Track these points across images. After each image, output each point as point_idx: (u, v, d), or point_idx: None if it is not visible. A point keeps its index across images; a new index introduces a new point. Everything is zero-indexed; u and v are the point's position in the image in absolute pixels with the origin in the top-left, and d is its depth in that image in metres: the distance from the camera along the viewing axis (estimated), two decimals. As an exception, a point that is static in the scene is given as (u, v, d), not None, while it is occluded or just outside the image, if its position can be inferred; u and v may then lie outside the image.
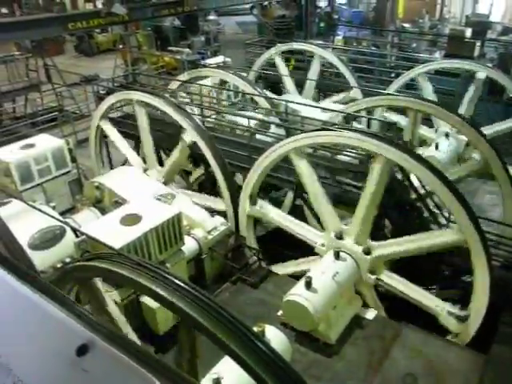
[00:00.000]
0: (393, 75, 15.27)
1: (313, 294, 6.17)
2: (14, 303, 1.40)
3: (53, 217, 5.89)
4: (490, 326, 6.46)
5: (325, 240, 7.52)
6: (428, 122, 11.50)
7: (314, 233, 7.81)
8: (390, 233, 7.93)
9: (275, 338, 5.01)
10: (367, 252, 7.13)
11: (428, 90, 12.67)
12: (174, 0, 17.31)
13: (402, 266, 7.52)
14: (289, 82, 14.66)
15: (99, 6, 17.96)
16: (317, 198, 7.55)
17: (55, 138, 10.69)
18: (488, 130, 10.87)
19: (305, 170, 7.55)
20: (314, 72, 14.60)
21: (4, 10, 16.89)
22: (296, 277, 7.24)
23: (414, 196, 7.87)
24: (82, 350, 1.25)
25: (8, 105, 17.79)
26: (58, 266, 6.88)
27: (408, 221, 7.76)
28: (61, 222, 6.52)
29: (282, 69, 14.99)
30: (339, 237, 7.33)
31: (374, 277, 7.15)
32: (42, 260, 6.67)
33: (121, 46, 23.16)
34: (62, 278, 4.96)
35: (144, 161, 9.85)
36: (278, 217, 8.28)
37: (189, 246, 7.33)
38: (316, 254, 7.68)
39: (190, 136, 8.65)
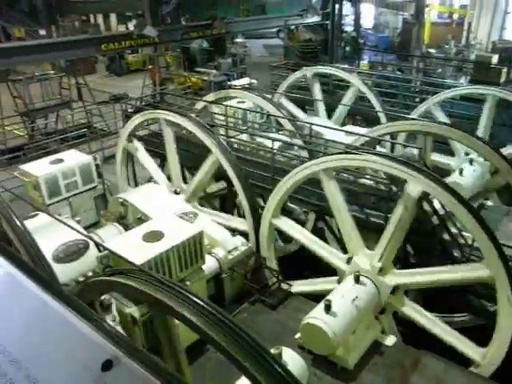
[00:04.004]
0: (417, 100, 15.24)
1: (332, 318, 6.11)
2: (42, 316, 1.46)
3: (77, 231, 6.03)
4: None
5: (347, 263, 7.47)
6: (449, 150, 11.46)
7: (336, 255, 7.76)
8: (412, 257, 7.85)
9: (292, 360, 4.98)
10: (389, 279, 7.06)
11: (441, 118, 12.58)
12: (203, 23, 17.80)
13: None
14: (320, 105, 14.80)
15: (131, 28, 18.54)
16: (343, 220, 7.50)
17: (83, 153, 10.99)
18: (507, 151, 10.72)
19: (333, 191, 7.53)
20: (347, 99, 14.70)
21: (42, 32, 17.68)
22: (315, 299, 7.19)
23: (435, 219, 7.78)
24: (107, 366, 1.28)
25: (40, 121, 18.38)
26: (80, 279, 7.01)
27: (430, 245, 7.65)
28: (85, 236, 6.65)
29: (317, 91, 15.15)
30: (362, 261, 7.27)
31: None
32: (64, 273, 6.80)
33: (150, 67, 23.76)
34: (83, 292, 5.06)
35: (168, 179, 10.02)
36: (301, 235, 8.23)
37: (209, 264, 7.37)
38: (334, 274, 7.65)
39: (215, 156, 8.76)
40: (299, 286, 8.22)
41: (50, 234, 7.13)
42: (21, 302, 1.51)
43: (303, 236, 8.21)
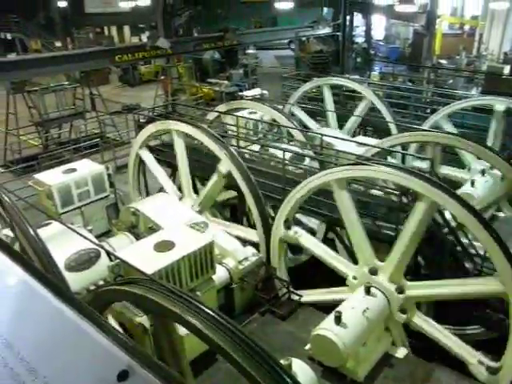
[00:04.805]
0: (428, 111, 15.21)
1: (342, 329, 6.09)
2: (58, 325, 1.48)
3: (89, 240, 6.09)
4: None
5: (357, 274, 7.44)
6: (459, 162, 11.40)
7: (346, 265, 7.73)
8: (424, 269, 7.79)
9: (302, 371, 4.96)
10: (400, 291, 7.02)
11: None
12: (216, 35, 18.01)
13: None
14: (331, 116, 14.86)
15: (144, 39, 18.83)
16: (354, 230, 7.46)
17: (96, 163, 11.12)
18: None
19: (345, 201, 7.49)
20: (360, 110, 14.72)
21: (58, 44, 18.09)
22: (325, 309, 7.16)
23: (446, 230, 7.74)
24: (123, 376, 1.30)
25: (54, 131, 18.67)
26: (92, 288, 7.07)
27: (441, 257, 7.60)
28: (96, 245, 6.71)
29: (328, 100, 15.21)
30: (373, 272, 7.23)
31: (404, 316, 7.01)
32: (76, 281, 6.85)
33: (162, 77, 24.02)
34: (95, 301, 5.10)
35: (179, 189, 10.08)
36: (312, 244, 8.21)
37: (220, 275, 7.39)
38: (344, 285, 7.63)
39: (225, 166, 8.82)
40: (310, 296, 8.19)
41: (62, 242, 7.20)
42: (37, 310, 1.54)
43: (315, 246, 8.19)
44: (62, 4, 21.87)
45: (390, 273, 7.07)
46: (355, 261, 7.69)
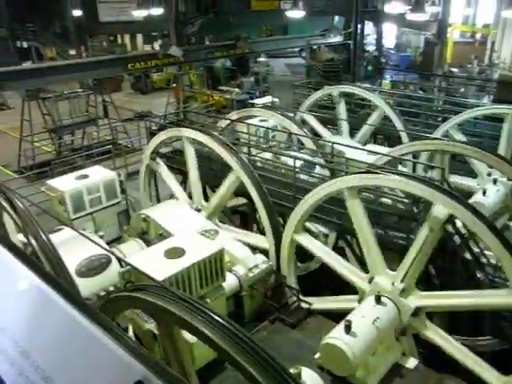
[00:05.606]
0: (440, 119, 15.12)
1: (352, 339, 6.05)
2: (73, 333, 1.49)
3: (100, 246, 6.15)
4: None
5: (368, 283, 7.40)
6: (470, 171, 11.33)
7: (357, 274, 7.70)
8: (435, 279, 7.72)
9: (311, 380, 4.95)
10: (411, 300, 6.97)
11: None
12: (227, 43, 18.16)
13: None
14: (343, 124, 14.86)
15: (157, 47, 19.06)
16: (366, 239, 7.43)
17: (108, 170, 11.22)
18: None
19: (357, 210, 7.47)
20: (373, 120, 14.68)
21: (72, 52, 18.40)
22: (335, 318, 7.12)
23: (458, 241, 7.68)
24: None
25: (67, 137, 18.89)
26: (102, 294, 7.12)
27: (452, 266, 7.54)
28: (107, 251, 6.76)
29: (342, 109, 15.21)
30: (383, 281, 7.19)
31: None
32: (87, 287, 6.92)
33: (174, 85, 24.20)
34: (106, 307, 5.14)
35: (190, 196, 10.12)
36: (322, 252, 8.20)
37: (229, 282, 7.40)
38: (354, 293, 7.58)
39: (236, 173, 8.84)
40: (320, 303, 8.15)
41: (73, 248, 7.27)
42: (52, 318, 1.55)
43: (324, 253, 8.17)
44: (77, 13, 22.26)
45: (402, 283, 7.02)
46: (365, 269, 7.66)
